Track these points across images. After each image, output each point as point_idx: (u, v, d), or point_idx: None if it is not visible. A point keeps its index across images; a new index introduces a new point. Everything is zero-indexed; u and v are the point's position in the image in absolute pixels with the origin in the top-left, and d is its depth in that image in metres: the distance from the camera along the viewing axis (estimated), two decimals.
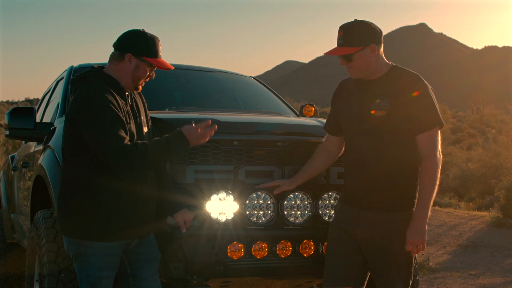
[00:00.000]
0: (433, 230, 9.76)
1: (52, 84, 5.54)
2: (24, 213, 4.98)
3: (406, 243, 3.10)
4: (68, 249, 3.14)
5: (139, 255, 3.21)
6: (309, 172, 3.47)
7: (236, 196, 3.39)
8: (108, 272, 3.09)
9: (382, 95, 3.17)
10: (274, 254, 3.47)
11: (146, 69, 3.14)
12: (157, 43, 3.15)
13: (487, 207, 11.94)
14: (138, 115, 3.18)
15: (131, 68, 3.11)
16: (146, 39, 3.12)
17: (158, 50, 3.14)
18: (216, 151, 3.43)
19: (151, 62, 3.12)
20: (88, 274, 3.07)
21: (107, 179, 3.02)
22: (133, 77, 3.13)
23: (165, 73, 4.99)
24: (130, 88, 3.17)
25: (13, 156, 6.21)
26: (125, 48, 3.12)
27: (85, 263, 3.06)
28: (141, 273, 3.21)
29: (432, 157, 3.12)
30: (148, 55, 3.11)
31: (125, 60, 3.11)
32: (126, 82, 3.14)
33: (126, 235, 3.10)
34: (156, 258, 3.27)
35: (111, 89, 3.05)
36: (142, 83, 3.19)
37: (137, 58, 3.11)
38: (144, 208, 3.14)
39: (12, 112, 4.16)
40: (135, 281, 3.21)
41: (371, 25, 3.20)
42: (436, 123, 3.15)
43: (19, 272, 5.90)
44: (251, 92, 5.29)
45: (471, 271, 7.49)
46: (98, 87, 3.02)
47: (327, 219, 3.58)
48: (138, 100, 3.27)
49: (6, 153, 17.46)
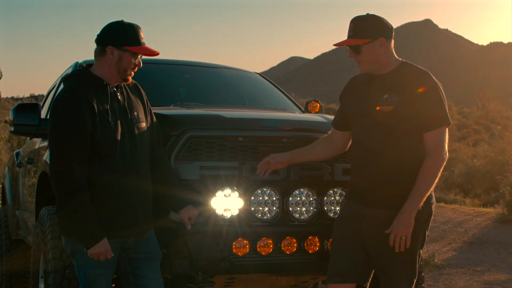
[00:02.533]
0: (439, 227, 9.74)
1: (57, 80, 5.53)
2: (29, 210, 4.99)
3: (390, 234, 3.08)
4: (66, 246, 3.15)
5: (138, 254, 3.20)
6: (307, 155, 3.44)
7: (241, 192, 3.38)
8: (104, 269, 3.08)
9: (390, 91, 3.16)
10: (279, 250, 3.47)
11: (130, 59, 3.09)
12: (137, 30, 3.11)
13: (493, 204, 11.89)
14: (130, 111, 3.14)
15: (114, 60, 3.08)
16: (124, 28, 3.09)
17: (139, 37, 3.10)
18: (221, 147, 3.42)
19: (133, 50, 3.08)
20: (84, 271, 3.07)
21: (99, 177, 3.01)
22: (118, 69, 3.09)
23: (170, 69, 4.99)
24: (118, 81, 3.13)
25: (18, 153, 6.21)
26: (105, 42, 3.09)
27: (81, 260, 3.07)
28: (142, 272, 3.19)
29: (437, 154, 3.10)
30: (129, 44, 3.07)
31: (107, 53, 3.08)
32: (112, 75, 3.10)
33: (121, 233, 3.09)
34: (157, 257, 3.25)
35: (92, 87, 3.04)
36: (131, 73, 3.14)
37: (118, 49, 3.07)
38: (139, 206, 3.12)
39: (17, 108, 4.16)
40: (136, 279, 3.20)
41: (382, 20, 3.20)
42: (443, 121, 3.13)
43: (24, 268, 5.89)
44: (256, 88, 5.28)
45: (476, 268, 7.47)
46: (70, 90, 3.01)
47: (332, 215, 3.56)
48: (133, 96, 3.22)
49: (11, 149, 17.49)
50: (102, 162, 3.02)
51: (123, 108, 3.12)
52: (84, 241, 2.99)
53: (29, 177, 5.11)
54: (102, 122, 3.01)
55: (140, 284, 3.19)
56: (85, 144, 2.97)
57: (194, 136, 3.40)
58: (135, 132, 3.13)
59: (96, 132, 2.99)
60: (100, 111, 3.01)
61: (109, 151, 3.02)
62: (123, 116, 3.10)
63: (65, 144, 2.95)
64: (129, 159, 3.08)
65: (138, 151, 3.12)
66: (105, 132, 3.01)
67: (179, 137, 3.39)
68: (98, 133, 2.99)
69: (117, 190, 3.04)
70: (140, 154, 3.13)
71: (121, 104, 3.12)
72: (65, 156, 2.94)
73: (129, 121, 3.11)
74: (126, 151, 3.07)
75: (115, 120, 3.06)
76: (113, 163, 3.04)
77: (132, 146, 3.10)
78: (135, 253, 3.19)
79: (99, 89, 3.06)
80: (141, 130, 3.16)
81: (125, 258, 3.19)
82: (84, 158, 2.97)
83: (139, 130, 3.15)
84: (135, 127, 3.13)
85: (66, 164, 2.93)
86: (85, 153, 2.97)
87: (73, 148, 2.94)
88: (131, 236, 3.14)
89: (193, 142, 3.40)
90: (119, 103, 3.12)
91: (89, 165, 3.00)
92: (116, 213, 3.05)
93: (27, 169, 5.29)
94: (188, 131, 3.39)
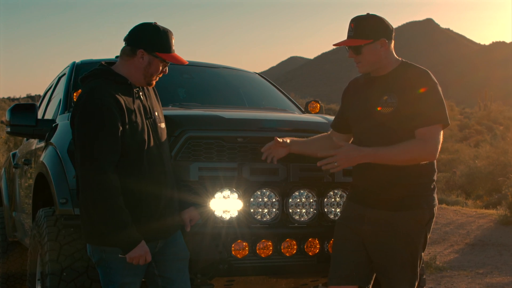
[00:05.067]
0: (441, 229, 9.71)
1: (54, 81, 5.51)
2: (26, 211, 4.97)
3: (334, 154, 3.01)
4: (91, 255, 3.03)
5: (166, 255, 3.10)
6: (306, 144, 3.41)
7: (241, 193, 3.37)
8: (132, 278, 2.99)
9: (390, 92, 3.13)
10: (279, 252, 3.45)
11: (159, 65, 3.03)
12: (170, 37, 3.04)
13: (495, 205, 11.86)
14: (151, 111, 3.07)
15: (143, 64, 3.00)
16: (159, 33, 3.01)
17: (171, 45, 3.04)
18: (220, 148, 3.41)
19: (165, 58, 3.01)
20: (112, 280, 2.97)
21: (128, 181, 2.91)
22: (145, 73, 3.02)
23: (169, 69, 4.95)
24: (142, 84, 3.06)
25: (14, 153, 6.20)
26: (137, 43, 3.00)
27: (108, 268, 2.96)
28: (170, 274, 3.10)
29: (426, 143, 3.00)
30: (161, 51, 3.00)
31: (137, 56, 3.00)
32: (137, 78, 3.03)
33: (149, 238, 2.97)
34: (185, 258, 3.17)
35: (117, 87, 2.95)
36: (156, 78, 3.08)
37: (149, 54, 2.99)
38: (167, 208, 3.05)
39: (13, 109, 4.14)
40: (165, 283, 3.10)
41: (383, 20, 3.17)
42: (439, 120, 3.06)
43: (20, 271, 5.89)
44: (256, 88, 5.27)
45: (478, 270, 7.44)
46: (97, 89, 2.90)
47: (332, 217, 3.54)
48: (153, 96, 3.16)
49: (8, 150, 17.47)
50: (130, 165, 2.93)
51: (146, 108, 3.05)
52: (122, 245, 2.87)
53: (26, 178, 5.09)
54: (131, 122, 2.92)
55: (168, 287, 3.10)
56: (118, 146, 2.87)
57: (193, 137, 3.38)
58: (158, 132, 3.07)
59: (125, 133, 2.90)
60: (128, 111, 2.92)
61: (138, 152, 2.94)
62: (147, 116, 3.03)
63: (96, 148, 2.82)
64: (156, 161, 3.01)
65: (163, 152, 3.06)
66: (134, 133, 2.93)
67: (177, 138, 3.37)
68: (127, 134, 2.90)
69: (146, 193, 2.95)
70: (165, 155, 3.07)
71: (144, 104, 3.05)
72: (97, 161, 2.81)
73: (152, 121, 3.05)
74: (154, 152, 3.00)
75: (142, 120, 2.98)
76: (142, 165, 2.95)
77: (157, 147, 3.03)
78: (162, 254, 3.09)
79: (123, 89, 2.97)
80: (162, 130, 3.11)
81: (153, 261, 3.07)
82: (116, 161, 2.87)
83: (161, 130, 3.09)
84: (158, 128, 3.07)
85: (99, 170, 2.81)
86: (117, 155, 2.87)
87: (106, 152, 2.83)
88: (160, 240, 3.06)
89: (192, 143, 3.38)
90: (143, 103, 3.05)
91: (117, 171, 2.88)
92: (145, 218, 2.96)
93: (23, 170, 5.28)
94: (187, 132, 3.37)
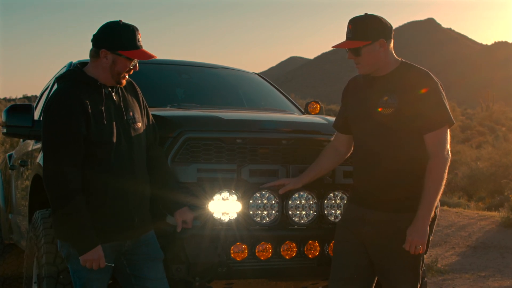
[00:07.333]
0: (442, 231, 9.67)
1: (51, 81, 5.51)
2: (22, 213, 4.98)
3: (405, 243, 3.05)
4: (60, 249, 3.11)
5: (138, 255, 3.14)
6: (315, 171, 3.42)
7: (240, 195, 3.34)
8: (99, 274, 3.02)
9: (390, 92, 3.12)
10: (278, 255, 3.43)
11: (124, 63, 3.02)
12: (133, 32, 3.01)
13: (497, 207, 11.82)
14: (126, 112, 3.08)
15: (108, 63, 3.01)
16: (120, 31, 3.00)
17: (135, 41, 3.01)
18: (219, 149, 3.39)
19: (128, 56, 3.00)
20: (79, 275, 3.03)
21: (95, 180, 2.97)
22: (112, 72, 3.02)
23: (167, 69, 4.95)
24: (112, 83, 3.07)
25: (10, 155, 6.20)
26: (99, 44, 3.01)
27: (75, 264, 3.01)
28: (143, 273, 3.14)
29: (440, 156, 3.05)
30: (124, 48, 2.98)
31: (101, 56, 3.01)
32: (106, 78, 3.04)
33: (117, 237, 3.04)
34: (157, 258, 3.19)
35: (86, 88, 2.98)
36: (125, 76, 3.07)
37: (113, 53, 2.99)
38: (136, 209, 3.07)
39: (9, 110, 4.12)
40: (137, 281, 3.15)
41: (381, 20, 3.15)
42: (445, 121, 3.08)
43: (16, 273, 5.88)
44: (255, 88, 5.26)
45: (480, 273, 7.41)
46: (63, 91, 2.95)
47: (332, 219, 3.52)
48: (128, 96, 3.16)
49: (4, 151, 17.47)
50: (97, 165, 2.97)
51: (118, 108, 3.06)
52: (77, 246, 2.94)
53: (22, 180, 5.09)
54: (97, 124, 2.95)
55: (141, 285, 3.14)
56: (78, 147, 2.92)
57: (192, 138, 3.36)
58: (132, 133, 3.07)
59: (90, 134, 2.94)
60: (94, 112, 2.96)
61: (105, 153, 2.97)
62: (119, 117, 3.05)
63: (57, 147, 2.90)
64: (125, 161, 3.03)
65: (134, 153, 3.07)
66: (99, 134, 2.96)
67: (176, 139, 3.35)
68: (92, 135, 2.94)
69: (113, 193, 2.99)
70: (137, 156, 3.08)
71: (117, 105, 3.07)
72: (58, 160, 2.90)
73: (125, 122, 3.06)
74: (123, 153, 3.02)
75: (110, 121, 3.00)
76: (109, 166, 2.99)
77: (128, 147, 3.05)
78: (134, 254, 3.14)
79: (93, 90, 3.00)
80: (138, 130, 3.11)
81: (124, 260, 3.13)
82: (78, 161, 2.92)
83: (135, 130, 3.09)
84: (131, 128, 3.08)
85: (59, 167, 2.89)
86: (78, 156, 2.92)
87: (66, 151, 2.90)
88: (128, 239, 3.08)
89: (190, 144, 3.36)
90: (115, 103, 3.06)
91: (84, 168, 2.94)
92: (112, 217, 3.00)
93: (20, 172, 5.28)
94: (185, 133, 3.35)
